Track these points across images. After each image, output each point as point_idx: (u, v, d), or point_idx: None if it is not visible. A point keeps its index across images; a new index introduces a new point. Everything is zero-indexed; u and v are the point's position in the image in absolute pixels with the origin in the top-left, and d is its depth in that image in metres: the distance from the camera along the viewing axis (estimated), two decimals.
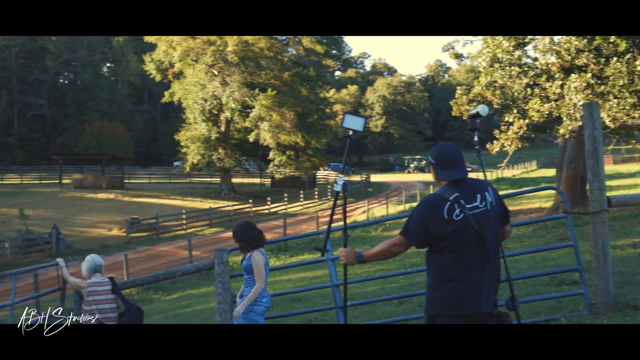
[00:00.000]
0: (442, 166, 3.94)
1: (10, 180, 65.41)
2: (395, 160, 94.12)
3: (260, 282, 6.24)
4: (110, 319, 6.76)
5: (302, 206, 47.09)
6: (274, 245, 26.06)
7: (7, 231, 33.23)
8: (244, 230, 6.41)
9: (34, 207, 40.91)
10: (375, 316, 8.92)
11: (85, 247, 31.05)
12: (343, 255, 4.12)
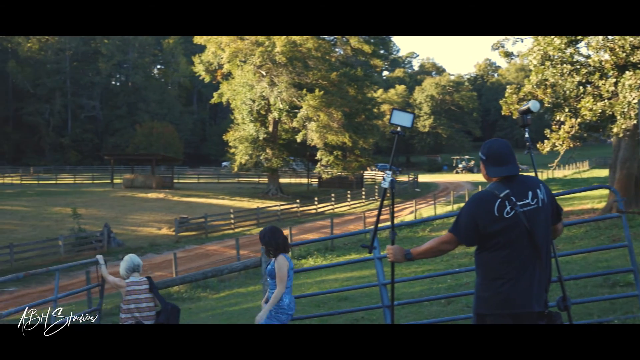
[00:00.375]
0: (493, 162, 3.86)
1: (64, 180, 67.03)
2: (443, 161, 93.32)
3: (281, 287, 6.20)
4: (148, 317, 6.87)
5: (349, 206, 47.02)
6: (321, 245, 26.09)
7: (60, 229, 34.02)
8: (270, 234, 6.40)
9: (86, 206, 41.80)
10: (423, 316, 8.85)
11: (135, 246, 31.59)
12: (390, 252, 4.08)
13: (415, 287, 12.21)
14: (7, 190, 55.04)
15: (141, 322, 6.82)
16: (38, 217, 39.77)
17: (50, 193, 51.24)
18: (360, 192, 51.42)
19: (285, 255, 6.35)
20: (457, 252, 17.94)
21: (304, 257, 24.00)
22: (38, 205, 43.85)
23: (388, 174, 4.20)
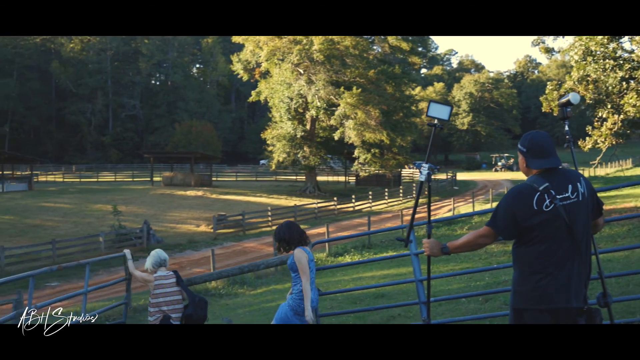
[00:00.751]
0: (534, 154, 3.78)
1: (105, 178, 68.16)
2: (482, 159, 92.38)
3: (306, 278, 6.19)
4: (176, 310, 6.96)
5: (386, 204, 46.85)
6: (358, 243, 26.04)
7: (101, 226, 34.58)
8: (286, 229, 6.43)
9: (126, 204, 42.39)
10: (460, 313, 8.76)
11: (174, 242, 31.94)
12: (427, 246, 4.04)
13: (452, 285, 12.11)
14: (50, 187, 56.16)
15: (169, 315, 6.90)
16: (80, 214, 40.48)
17: (92, 190, 52.10)
18: (397, 190, 51.20)
19: (302, 248, 6.35)
20: (496, 250, 17.76)
21: (341, 254, 23.98)
22: (80, 203, 44.62)
23: (424, 167, 4.16)
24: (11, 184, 53.57)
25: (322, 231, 28.83)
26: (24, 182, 55.43)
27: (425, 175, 4.19)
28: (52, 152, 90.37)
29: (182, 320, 6.99)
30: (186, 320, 6.98)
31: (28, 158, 63.45)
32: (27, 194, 49.27)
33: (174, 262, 26.79)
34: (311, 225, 37.58)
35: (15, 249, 27.39)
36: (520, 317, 3.74)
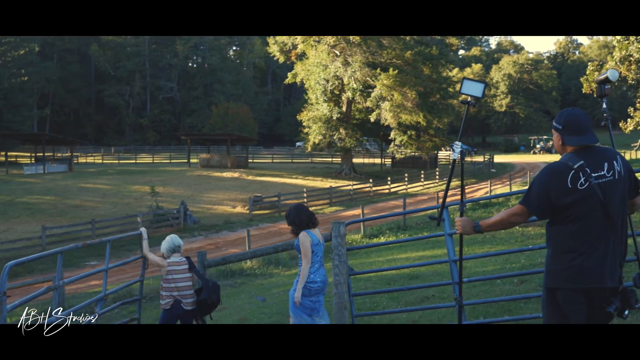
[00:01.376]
0: (570, 131, 3.72)
1: (143, 160, 69.06)
2: (520, 141, 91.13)
3: (306, 262, 6.42)
4: (187, 296, 7.11)
5: (422, 186, 46.59)
6: (393, 224, 25.99)
7: (139, 207, 35.07)
8: (295, 212, 6.60)
9: (164, 185, 42.88)
10: (494, 294, 8.71)
11: (210, 223, 32.25)
12: (459, 224, 4.00)
13: (487, 267, 12.03)
14: (90, 169, 57.07)
15: (180, 300, 7.08)
16: (118, 195, 41.09)
17: (130, 172, 52.80)
18: (434, 172, 50.86)
19: (308, 231, 6.51)
20: (532, 233, 17.59)
21: (376, 236, 23.96)
22: (118, 184, 45.28)
23: (457, 144, 4.11)
24: (52, 165, 54.58)
25: (357, 213, 28.83)
26: (64, 163, 56.43)
27: (457, 153, 4.14)
28: (91, 134, 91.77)
29: (196, 305, 7.16)
30: (200, 305, 7.16)
31: (68, 140, 64.58)
32: (67, 175, 50.16)
33: (211, 242, 27.09)
34: (346, 207, 37.61)
35: (56, 228, 27.96)
36: (552, 296, 3.70)
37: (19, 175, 49.88)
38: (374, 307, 9.70)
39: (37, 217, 33.80)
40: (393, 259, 16.78)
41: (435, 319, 7.94)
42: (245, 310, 11.52)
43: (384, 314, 8.38)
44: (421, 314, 8.36)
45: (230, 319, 10.62)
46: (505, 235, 18.16)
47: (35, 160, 57.97)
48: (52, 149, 61.69)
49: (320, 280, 6.55)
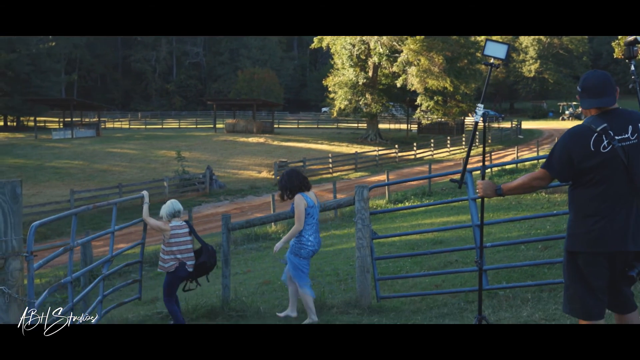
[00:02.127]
0: (587, 94, 3.66)
1: (169, 125, 69.48)
2: (549, 107, 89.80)
3: (298, 224, 6.62)
4: (190, 258, 7.31)
5: (448, 152, 46.31)
6: (418, 190, 25.93)
7: (165, 171, 35.37)
8: (287, 177, 6.82)
9: (190, 150, 43.14)
10: (517, 259, 8.69)
11: (236, 188, 32.46)
12: (480, 187, 3.98)
13: (512, 233, 11.99)
14: (117, 134, 57.55)
15: (185, 263, 7.26)
16: (145, 160, 41.47)
17: (157, 137, 53.16)
18: (460, 138, 50.46)
19: (303, 194, 6.71)
20: (559, 200, 17.44)
21: (401, 201, 23.94)
22: (145, 149, 45.66)
23: (480, 107, 4.07)
24: (80, 130, 55.14)
25: (383, 178, 28.80)
26: (92, 128, 56.98)
27: (479, 117, 4.09)
28: (118, 99, 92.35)
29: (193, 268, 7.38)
30: (199, 268, 7.40)
31: (96, 105, 65.05)
32: (95, 140, 50.67)
33: (236, 207, 27.29)
34: (372, 172, 37.57)
35: (84, 192, 28.35)
36: (573, 260, 3.68)
37: (48, 140, 50.48)
38: (397, 271, 9.75)
39: (66, 181, 34.32)
40: (417, 225, 16.78)
41: (457, 283, 7.96)
42: (269, 274, 11.64)
43: (406, 277, 8.42)
44: (444, 278, 8.39)
45: (255, 282, 10.75)
46: (531, 201, 18.05)
47: (63, 125, 58.58)
48: (80, 114, 62.25)
49: (317, 242, 6.76)
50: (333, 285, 8.55)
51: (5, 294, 3.88)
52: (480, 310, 4.18)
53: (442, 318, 6.11)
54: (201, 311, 7.74)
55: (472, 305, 6.62)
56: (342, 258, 11.97)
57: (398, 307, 7.04)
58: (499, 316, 5.82)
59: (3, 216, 3.90)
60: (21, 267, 3.99)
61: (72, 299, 5.83)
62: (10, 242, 3.91)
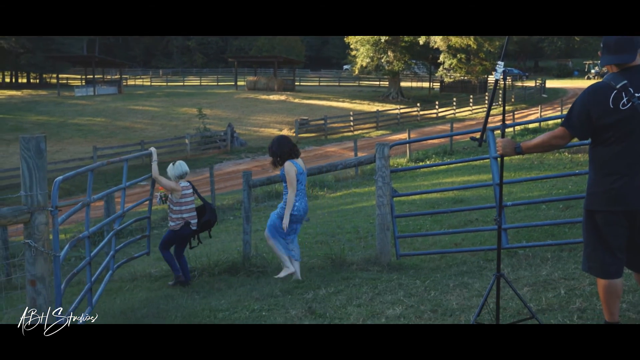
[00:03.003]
0: (607, 50, 3.61)
1: (190, 82, 69.44)
2: (574, 65, 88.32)
3: (292, 190, 6.73)
4: (194, 217, 7.66)
5: (471, 111, 45.91)
6: (439, 148, 25.84)
7: (187, 129, 35.50)
8: (277, 144, 6.91)
9: (211, 107, 43.18)
10: (539, 219, 8.67)
11: (257, 146, 32.52)
12: (500, 145, 3.95)
13: (533, 192, 11.94)
14: (139, 91, 57.67)
15: (189, 222, 7.59)
16: (166, 117, 41.62)
17: (178, 94, 53.22)
18: (483, 96, 49.94)
19: (293, 161, 6.82)
20: (582, 160, 17.31)
21: (422, 159, 23.88)
22: (166, 106, 45.78)
23: (500, 65, 4.03)
24: (102, 87, 55.33)
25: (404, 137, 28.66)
26: (114, 85, 57.12)
27: (499, 74, 4.05)
28: (139, 56, 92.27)
29: (197, 227, 7.74)
30: (203, 225, 7.78)
31: (117, 62, 65.09)
32: (117, 97, 50.86)
33: (257, 164, 27.39)
34: (393, 131, 37.42)
35: (107, 149, 28.59)
36: (592, 219, 3.67)
37: (70, 97, 50.76)
38: (417, 229, 9.78)
39: (89, 138, 34.60)
40: (438, 183, 16.76)
41: (477, 242, 7.98)
42: None
43: (426, 235, 8.46)
44: (464, 237, 8.41)
45: None
46: (554, 161, 17.93)
47: (85, 82, 58.78)
48: (102, 71, 62.37)
49: (302, 208, 6.86)
50: (353, 243, 8.61)
51: (32, 248, 3.98)
52: (499, 268, 4.20)
53: (462, 276, 6.14)
54: (223, 266, 7.86)
55: (491, 263, 6.64)
56: (362, 216, 12.01)
57: (417, 264, 7.09)
58: (518, 274, 5.85)
59: (28, 171, 3.97)
60: (46, 222, 4.08)
61: (89, 253, 5.95)
62: (36, 196, 3.99)
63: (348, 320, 5.02)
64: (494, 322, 4.22)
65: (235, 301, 6.10)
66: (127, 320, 6.00)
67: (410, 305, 5.28)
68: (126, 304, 6.95)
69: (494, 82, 4.17)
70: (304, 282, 6.56)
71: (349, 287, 6.15)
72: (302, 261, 7.69)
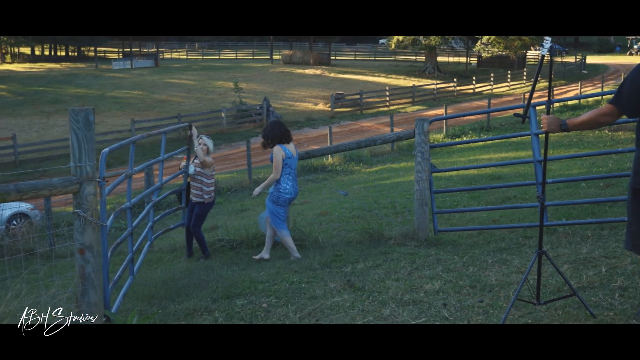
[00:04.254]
0: None
1: (226, 56, 69.62)
2: (616, 41, 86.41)
3: (275, 173, 7.05)
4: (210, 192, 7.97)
5: (508, 87, 45.32)
6: (477, 125, 25.61)
7: (223, 102, 35.69)
8: (270, 127, 7.21)
9: (247, 81, 43.28)
10: (578, 197, 8.59)
11: (292, 120, 32.58)
12: (545, 122, 3.90)
13: (573, 170, 11.80)
14: (175, 64, 58.03)
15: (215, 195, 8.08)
16: (203, 90, 41.84)
17: (214, 68, 53.40)
18: (521, 72, 49.20)
19: (282, 145, 7.10)
20: (623, 138, 17.05)
21: (458, 135, 23.72)
22: (203, 79, 45.99)
23: (547, 40, 3.97)
24: (139, 60, 55.76)
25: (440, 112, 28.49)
26: (150, 59, 57.51)
27: (546, 49, 4.00)
28: None
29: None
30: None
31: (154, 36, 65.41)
32: (153, 71, 51.23)
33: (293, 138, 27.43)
34: (429, 106, 37.16)
35: (145, 122, 28.89)
36: (637, 197, 3.63)
37: (108, 70, 51.29)
38: (454, 205, 9.76)
39: (126, 111, 34.99)
40: (475, 160, 16.66)
41: (515, 219, 7.94)
42: (326, 205, 11.81)
43: (464, 211, 8.44)
44: (502, 214, 8.37)
45: (312, 213, 10.92)
46: (593, 139, 17.68)
47: (122, 55, 59.31)
48: (139, 44, 62.76)
49: (293, 191, 7.13)
50: (390, 218, 8.63)
51: (81, 217, 4.08)
52: (540, 245, 4.18)
53: (500, 252, 6.13)
54: (262, 239, 7.95)
55: (530, 240, 6.61)
56: (398, 191, 12.02)
57: (455, 240, 7.09)
58: (558, 252, 5.82)
59: (77, 143, 4.06)
60: (95, 192, 4.17)
61: (130, 224, 6.07)
62: (85, 167, 4.08)
63: (387, 294, 5.06)
64: (533, 299, 4.23)
65: (275, 273, 6.18)
66: (168, 290, 6.12)
67: (448, 280, 5.31)
68: (167, 274, 7.09)
69: (539, 58, 4.11)
70: (342, 256, 6.61)
71: (387, 261, 6.19)
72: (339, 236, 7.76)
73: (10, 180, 17.82)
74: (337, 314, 4.70)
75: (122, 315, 4.70)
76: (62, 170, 4.13)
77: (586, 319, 3.99)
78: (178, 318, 4.99)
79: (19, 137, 26.23)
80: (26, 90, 40.18)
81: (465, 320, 4.28)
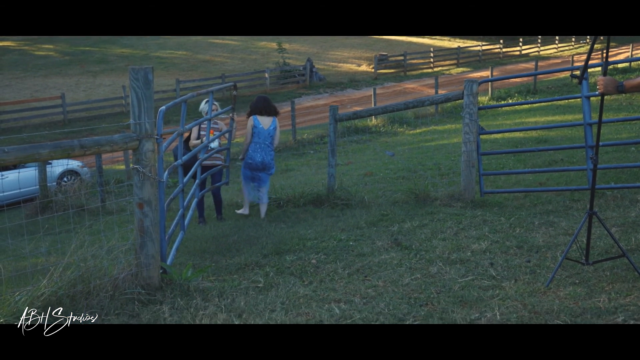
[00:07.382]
0: None
1: None
2: None
3: (245, 139, 7.96)
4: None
5: (556, 49, 44.36)
6: (523, 87, 25.22)
7: (266, 63, 35.69)
8: (255, 100, 8.02)
9: (290, 42, 43.08)
10: (628, 160, 8.49)
11: (336, 81, 32.49)
12: (601, 83, 3.89)
13: (622, 134, 11.61)
14: None
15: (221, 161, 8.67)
16: (246, 51, 41.84)
17: None
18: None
19: (254, 117, 7.90)
20: None
21: (504, 98, 23.40)
22: (246, 40, 45.92)
23: None
24: None
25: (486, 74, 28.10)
26: None
27: None
28: None
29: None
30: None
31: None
32: None
33: (335, 99, 27.45)
34: (474, 68, 36.65)
35: (189, 82, 29.13)
36: None
37: None
38: (500, 168, 9.73)
39: (171, 71, 35.27)
40: (521, 123, 16.46)
41: (562, 182, 7.90)
42: (370, 166, 11.87)
43: (510, 174, 8.42)
44: (548, 177, 8.33)
45: (356, 173, 11.00)
46: None
47: None
48: None
49: (259, 161, 7.85)
50: (435, 179, 8.66)
51: (140, 173, 4.23)
52: (591, 206, 4.19)
53: (547, 215, 6.14)
54: (307, 198, 8.07)
55: (577, 203, 6.60)
56: (443, 153, 12.01)
57: (501, 202, 7.10)
58: (606, 215, 5.81)
59: (137, 101, 4.19)
60: (153, 149, 4.31)
61: (182, 180, 6.24)
62: (144, 124, 4.22)
63: (434, 253, 5.14)
64: (582, 260, 4.26)
65: (322, 231, 6.30)
66: (219, 245, 6.29)
67: (495, 240, 5.36)
68: (217, 230, 7.26)
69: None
70: (388, 215, 6.69)
71: (433, 221, 6.26)
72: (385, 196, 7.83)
73: (59, 139, 18.22)
74: (384, 271, 4.80)
75: (176, 268, 4.86)
76: (109, 129, 4.27)
77: (634, 279, 4.02)
78: (230, 272, 5.14)
79: (67, 97, 26.72)
80: (73, 50, 40.67)
81: (512, 279, 4.34)
